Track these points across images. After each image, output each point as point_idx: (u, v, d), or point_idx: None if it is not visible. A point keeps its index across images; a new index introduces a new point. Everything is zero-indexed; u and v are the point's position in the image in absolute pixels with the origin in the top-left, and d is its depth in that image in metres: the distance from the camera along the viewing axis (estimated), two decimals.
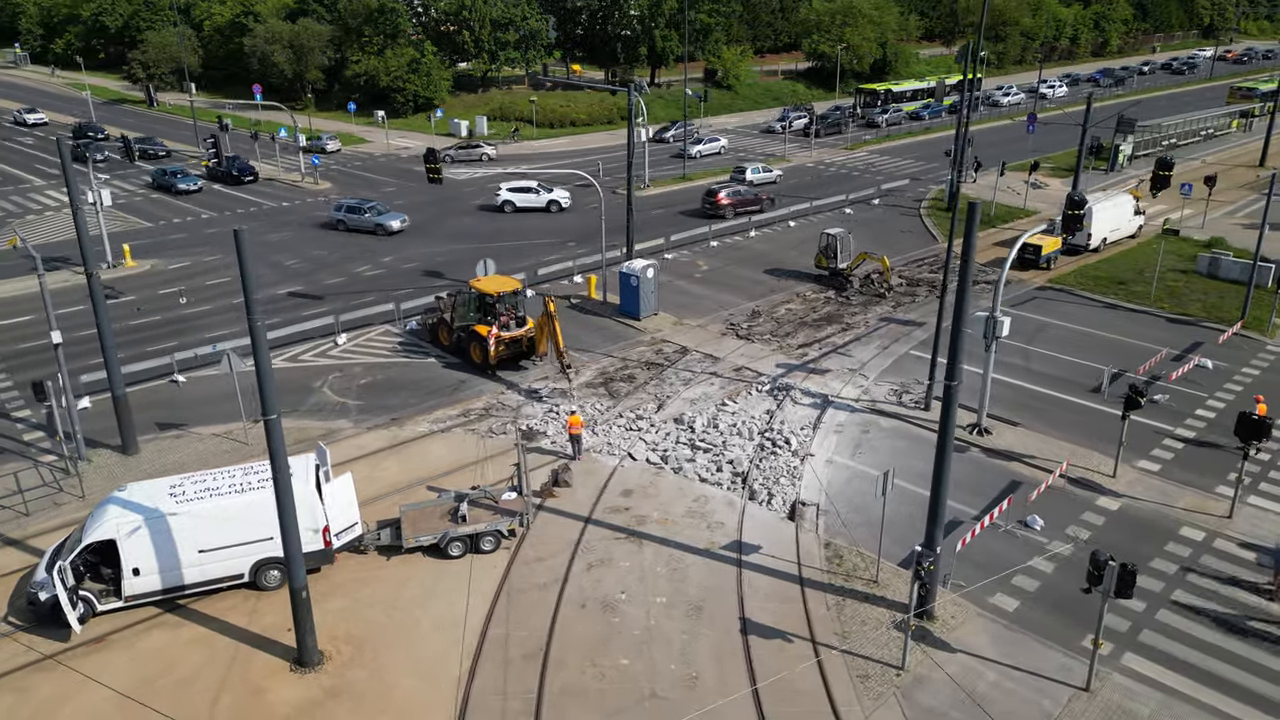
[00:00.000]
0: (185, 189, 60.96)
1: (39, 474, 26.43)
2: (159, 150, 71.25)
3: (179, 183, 61.12)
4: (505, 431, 29.11)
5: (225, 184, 63.72)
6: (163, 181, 61.90)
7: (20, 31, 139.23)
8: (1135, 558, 22.57)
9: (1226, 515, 24.44)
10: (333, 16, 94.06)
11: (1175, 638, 20.13)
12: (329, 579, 22.03)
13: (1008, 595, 21.52)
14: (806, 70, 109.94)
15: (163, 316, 39.08)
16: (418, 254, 47.44)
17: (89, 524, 20.71)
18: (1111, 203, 46.93)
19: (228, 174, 63.73)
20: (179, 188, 60.90)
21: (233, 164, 64.10)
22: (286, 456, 18.12)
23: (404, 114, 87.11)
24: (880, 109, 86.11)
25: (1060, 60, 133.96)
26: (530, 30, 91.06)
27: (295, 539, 18.45)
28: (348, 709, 18.19)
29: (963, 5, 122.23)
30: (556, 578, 22.12)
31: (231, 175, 63.65)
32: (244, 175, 63.98)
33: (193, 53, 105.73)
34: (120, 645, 20.00)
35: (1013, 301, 40.21)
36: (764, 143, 77.85)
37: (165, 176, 61.97)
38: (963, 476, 26.55)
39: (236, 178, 63.61)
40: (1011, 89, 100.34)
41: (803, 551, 23.15)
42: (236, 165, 64.29)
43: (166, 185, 61.47)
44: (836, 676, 19.05)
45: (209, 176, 64.59)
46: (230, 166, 63.71)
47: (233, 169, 63.73)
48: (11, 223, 53.51)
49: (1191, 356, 33.84)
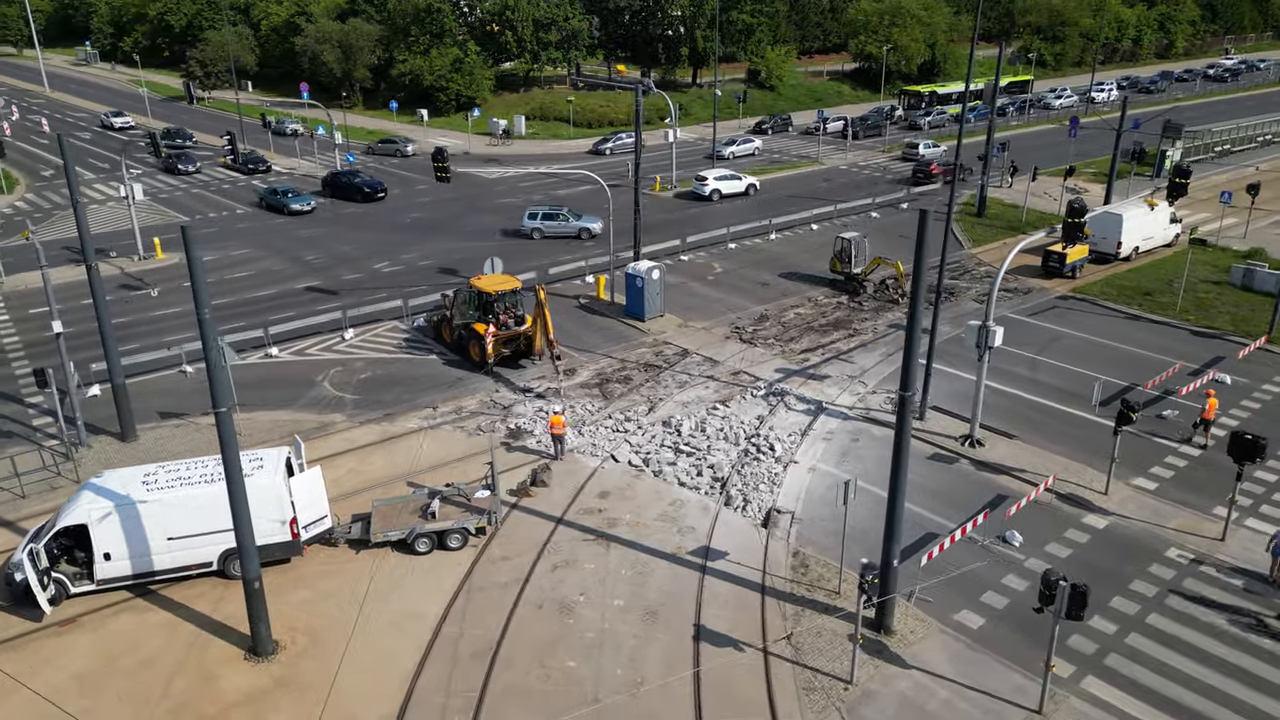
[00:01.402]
0: (300, 209, 55.91)
1: (40, 458, 27.38)
2: (186, 142, 73.74)
3: (291, 202, 56.13)
4: (493, 429, 29.32)
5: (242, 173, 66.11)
6: (273, 201, 56.89)
7: (92, 30, 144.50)
8: (1115, 579, 22.01)
9: (1219, 538, 23.50)
10: (382, 16, 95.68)
11: (1143, 663, 19.42)
12: (296, 570, 22.44)
13: (974, 612, 20.99)
14: (852, 71, 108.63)
15: (181, 308, 40.13)
16: (437, 250, 48.02)
17: (64, 509, 21.41)
18: (1143, 211, 45.42)
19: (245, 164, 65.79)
20: (292, 208, 55.84)
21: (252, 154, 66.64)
22: (237, 449, 18.47)
23: (447, 113, 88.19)
24: (923, 111, 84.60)
25: (1122, 62, 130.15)
26: (572, 30, 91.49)
27: (248, 531, 18.82)
28: (292, 699, 18.50)
29: (1019, 5, 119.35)
30: (519, 577, 22.21)
31: (249, 167, 65.68)
32: (259, 166, 65.77)
33: (250, 52, 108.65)
34: (89, 627, 20.62)
35: (1031, 310, 39.27)
36: (801, 144, 77.12)
37: (276, 196, 57.07)
38: (947, 488, 26.05)
39: (253, 169, 65.56)
40: (1065, 91, 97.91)
41: (770, 560, 22.89)
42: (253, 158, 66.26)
43: (277, 205, 56.45)
44: (783, 687, 18.80)
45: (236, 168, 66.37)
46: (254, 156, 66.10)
47: (249, 161, 65.67)
48: (53, 215, 55.59)
49: (1209, 371, 32.61)
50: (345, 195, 59.57)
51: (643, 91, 38.94)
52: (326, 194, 60.06)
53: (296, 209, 55.97)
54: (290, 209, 55.98)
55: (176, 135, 77.38)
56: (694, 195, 58.74)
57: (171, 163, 66.39)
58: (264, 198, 58.07)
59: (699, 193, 58.36)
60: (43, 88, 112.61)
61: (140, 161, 68.58)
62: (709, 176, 58.87)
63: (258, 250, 48.79)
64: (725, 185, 58.44)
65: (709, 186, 58.06)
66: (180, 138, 76.69)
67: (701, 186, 58.24)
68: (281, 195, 57.01)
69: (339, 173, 61.60)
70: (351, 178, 60.38)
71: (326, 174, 62.32)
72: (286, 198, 56.67)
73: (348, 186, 59.80)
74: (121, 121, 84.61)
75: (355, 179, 60.11)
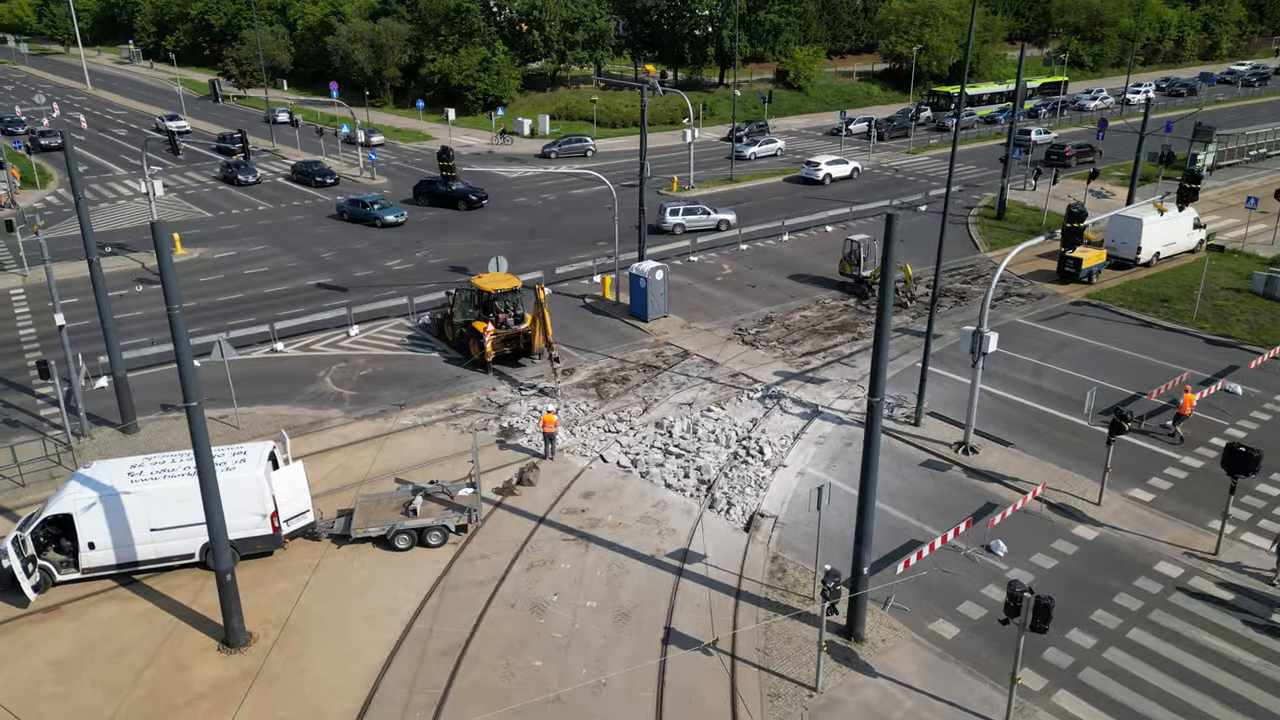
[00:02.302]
0: (394, 221, 52.69)
1: (43, 447, 28.00)
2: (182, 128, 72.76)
3: (384, 214, 52.85)
4: (486, 428, 29.46)
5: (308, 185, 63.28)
6: (358, 213, 53.47)
7: (135, 29, 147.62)
8: (1099, 592, 21.59)
9: (1212, 552, 22.92)
10: (413, 16, 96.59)
11: (1118, 678, 19.00)
12: (277, 563, 22.73)
13: (949, 622, 20.68)
14: (883, 72, 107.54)
15: (197, 303, 40.82)
16: (450, 248, 48.32)
17: (52, 498, 21.87)
18: (1165, 216, 44.34)
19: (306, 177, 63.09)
20: (386, 220, 52.60)
21: (310, 167, 63.77)
22: (208, 443, 18.72)
23: (474, 112, 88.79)
24: (952, 113, 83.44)
25: (1164, 64, 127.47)
26: (599, 30, 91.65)
27: (220, 523, 19.10)
28: (258, 691, 18.74)
29: (1055, 5, 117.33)
30: (495, 576, 22.29)
31: (315, 180, 62.52)
32: (326, 178, 62.62)
33: (285, 51, 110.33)
34: (72, 614, 21.06)
35: (1043, 316, 38.61)
36: (825, 145, 76.49)
37: (363, 208, 53.37)
38: (937, 496, 25.71)
39: (321, 181, 62.30)
40: (1101, 93, 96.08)
41: (748, 564, 22.74)
42: (317, 170, 63.24)
43: (366, 218, 53.06)
44: (747, 693, 18.67)
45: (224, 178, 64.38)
46: (309, 168, 63.46)
47: (315, 174, 62.75)
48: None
49: (1219, 381, 31.81)
50: (444, 203, 56.84)
51: (649, 91, 38.70)
52: (423, 202, 57.22)
53: (391, 220, 52.62)
54: (384, 221, 52.60)
55: (232, 141, 70.97)
56: (804, 180, 63.11)
57: (231, 173, 63.91)
58: (345, 210, 54.14)
59: (811, 177, 62.82)
60: (85, 85, 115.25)
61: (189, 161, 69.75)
62: (821, 162, 63.44)
63: (276, 246, 49.44)
64: (835, 170, 63.31)
65: (821, 171, 62.70)
66: (231, 142, 70.94)
67: (814, 171, 62.87)
68: (369, 206, 53.21)
69: (433, 179, 57.34)
70: (449, 184, 55.53)
71: (425, 180, 58.65)
72: (375, 209, 52.99)
73: (446, 195, 56.74)
74: (177, 125, 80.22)
75: (455, 186, 56.19)
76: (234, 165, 64.69)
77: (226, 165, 65.11)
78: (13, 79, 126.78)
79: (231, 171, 64.32)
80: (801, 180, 63.58)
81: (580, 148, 72.63)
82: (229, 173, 64.56)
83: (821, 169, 62.78)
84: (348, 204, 54.57)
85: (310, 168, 64.25)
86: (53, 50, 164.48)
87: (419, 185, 58.59)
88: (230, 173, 64.41)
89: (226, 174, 64.86)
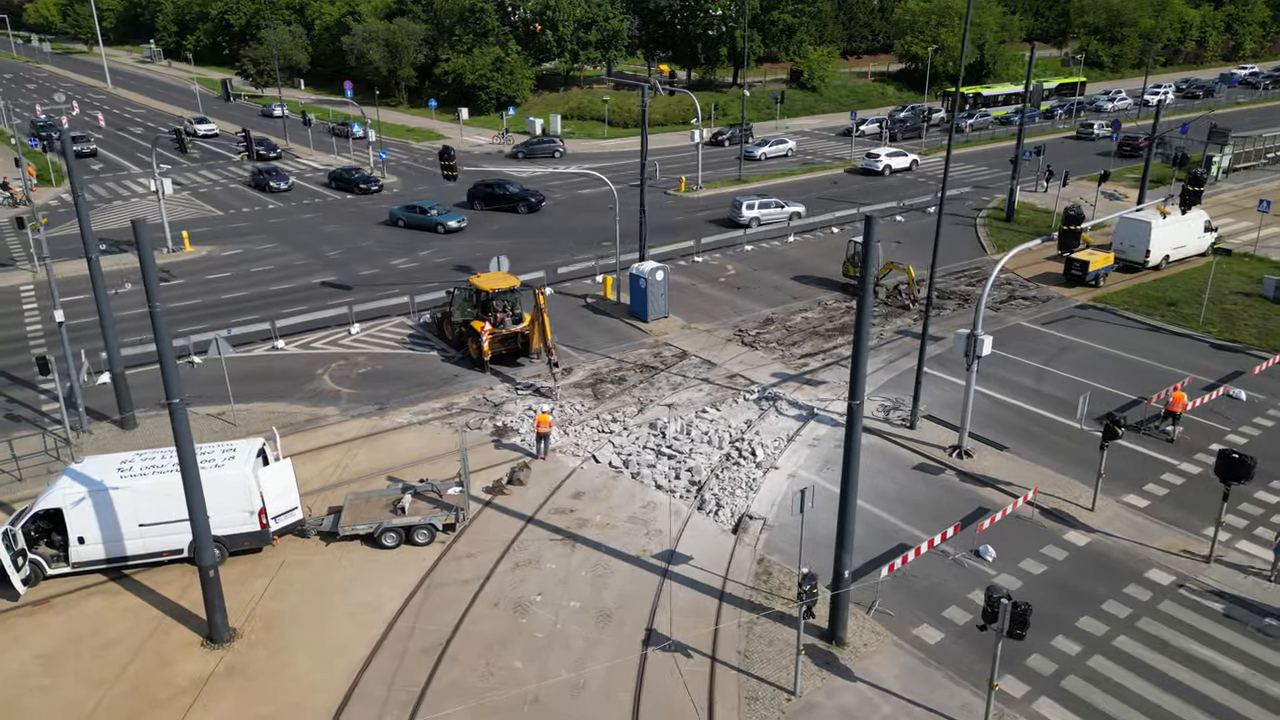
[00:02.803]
0: (455, 226, 51.34)
1: (43, 442, 28.33)
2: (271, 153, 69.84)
3: (446, 219, 51.50)
4: (480, 427, 29.54)
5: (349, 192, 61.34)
6: (415, 220, 52.02)
7: (157, 28, 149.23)
8: (1087, 599, 21.37)
9: (1205, 560, 22.64)
10: (428, 16, 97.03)
11: (1101, 685, 18.79)
12: (265, 560, 22.88)
13: (933, 627, 20.53)
14: (898, 72, 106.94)
15: (201, 300, 41.20)
16: (457, 248, 48.46)
17: (43, 493, 22.13)
18: (1175, 219, 43.85)
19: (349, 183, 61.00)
20: (448, 225, 51.20)
21: (351, 173, 61.94)
22: (191, 440, 18.87)
23: (487, 111, 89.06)
24: (967, 113, 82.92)
25: (1185, 64, 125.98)
26: (612, 30, 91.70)
27: (203, 519, 19.26)
28: (238, 686, 18.87)
29: (1075, 5, 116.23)
30: (480, 575, 22.34)
31: (359, 186, 60.64)
32: (370, 185, 60.65)
33: (303, 50, 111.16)
34: (61, 608, 21.29)
35: (1047, 319, 38.26)
36: (836, 145, 76.17)
37: (422, 214, 51.98)
38: (929, 500, 25.53)
39: (365, 189, 60.48)
40: (1119, 94, 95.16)
41: (733, 566, 22.67)
42: (359, 177, 61.55)
43: (426, 224, 51.61)
44: (725, 696, 18.61)
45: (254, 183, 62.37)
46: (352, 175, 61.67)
47: (358, 180, 60.97)
48: (94, 208, 57.50)
49: (1222, 386, 31.41)
50: (501, 206, 55.79)
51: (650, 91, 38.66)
52: (478, 206, 55.79)
53: (453, 226, 51.27)
54: (446, 227, 51.21)
55: (260, 145, 70.20)
56: (865, 171, 65.34)
57: (262, 179, 61.75)
58: (401, 217, 52.48)
59: (871, 168, 65.11)
60: (105, 84, 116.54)
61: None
62: (881, 154, 66.00)
63: (283, 244, 49.80)
64: (895, 161, 65.65)
65: (881, 163, 65.14)
66: (264, 148, 70.45)
67: (874, 163, 65.27)
68: (427, 212, 51.79)
69: (489, 182, 56.84)
70: (507, 186, 56.02)
71: (481, 183, 57.20)
72: (434, 215, 51.61)
73: (505, 198, 55.79)
74: (206, 128, 79.99)
75: (512, 188, 55.85)
76: (265, 171, 62.59)
77: (257, 172, 62.79)
78: (35, 78, 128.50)
79: (263, 178, 61.95)
80: (862, 171, 65.86)
81: (549, 148, 72.15)
82: (260, 179, 62.20)
83: (882, 160, 64.99)
84: (403, 210, 52.69)
85: (351, 174, 61.88)
86: (76, 49, 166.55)
87: (475, 188, 56.78)
88: (261, 179, 62.08)
89: (257, 180, 62.47)
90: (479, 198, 56.22)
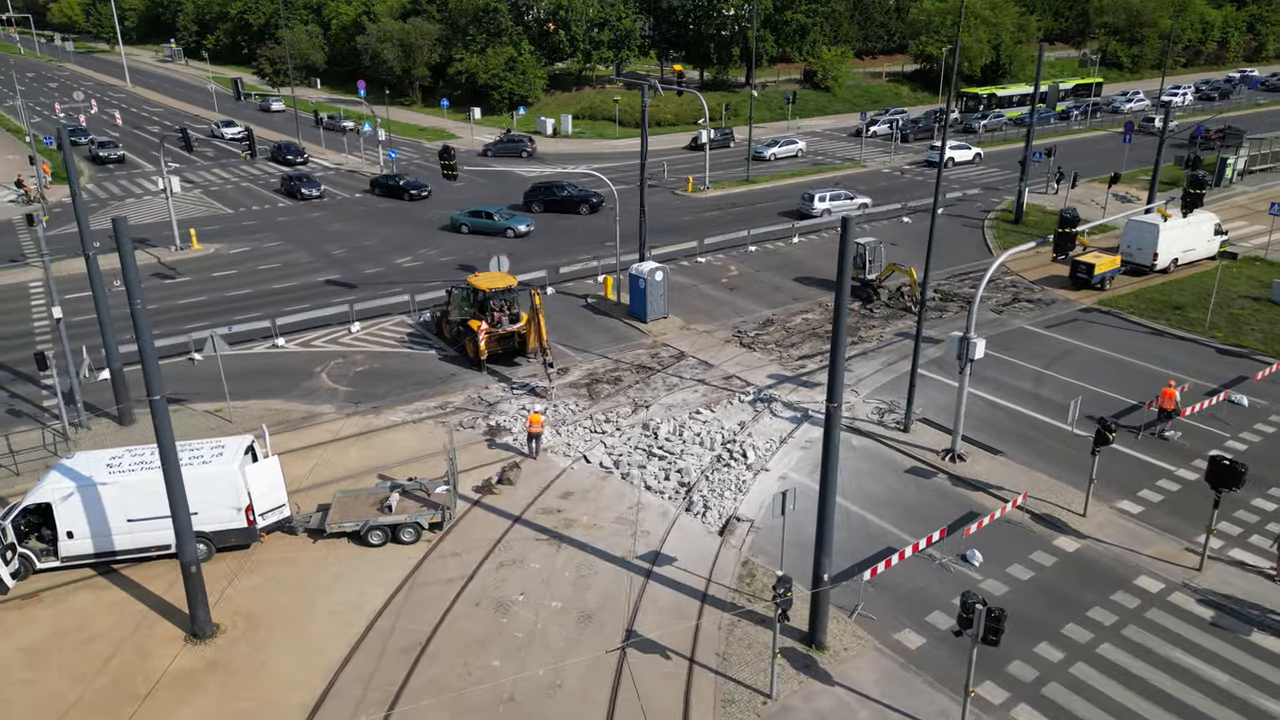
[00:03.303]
0: (525, 230, 50.55)
1: (42, 437, 28.65)
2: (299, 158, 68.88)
3: (514, 223, 50.72)
4: (474, 426, 29.60)
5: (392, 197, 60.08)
6: (482, 225, 50.86)
7: (178, 28, 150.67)
8: (1073, 605, 21.18)
9: (1196, 568, 22.35)
10: (442, 16, 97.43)
11: (1083, 693, 18.58)
12: (253, 557, 23.02)
13: (915, 632, 20.38)
14: (913, 73, 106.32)
15: (207, 297, 41.54)
16: (460, 247, 48.60)
17: (34, 488, 22.37)
18: (1183, 221, 43.30)
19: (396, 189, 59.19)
20: (519, 230, 50.37)
21: (396, 179, 60.05)
22: (172, 437, 19.02)
23: (499, 111, 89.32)
24: (980, 114, 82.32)
25: (1206, 65, 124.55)
26: (624, 30, 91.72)
27: (185, 516, 19.41)
28: (218, 681, 19.00)
29: (1094, 5, 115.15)
30: (464, 574, 22.38)
31: (410, 193, 58.86)
32: (420, 191, 59.05)
33: (319, 50, 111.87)
34: (49, 601, 21.51)
35: (1051, 322, 37.91)
36: (847, 146, 75.83)
37: (487, 219, 50.81)
38: (920, 504, 25.35)
39: (416, 195, 58.78)
40: (1137, 95, 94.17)
41: (717, 568, 22.60)
42: (410, 183, 59.71)
43: (493, 229, 50.45)
44: (701, 698, 18.55)
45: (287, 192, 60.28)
46: (398, 181, 59.86)
47: (410, 187, 59.22)
48: (108, 205, 58.08)
49: (1223, 391, 31.00)
50: (564, 208, 55.52)
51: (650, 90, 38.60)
52: (536, 209, 55.26)
53: (523, 230, 50.47)
54: (516, 231, 50.30)
55: (289, 150, 69.44)
56: (929, 163, 67.63)
57: (294, 186, 59.71)
58: (464, 223, 51.35)
59: (931, 160, 67.00)
60: (124, 82, 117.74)
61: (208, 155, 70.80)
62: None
63: (290, 243, 50.15)
64: (958, 154, 68.28)
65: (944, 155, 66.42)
66: (292, 153, 69.16)
67: (936, 155, 66.67)
68: (493, 217, 50.74)
69: (548, 184, 56.41)
70: (568, 189, 55.76)
71: (539, 184, 56.71)
72: (498, 219, 50.65)
73: (566, 200, 55.40)
74: (233, 131, 79.57)
75: (574, 191, 55.70)
76: (296, 178, 60.48)
77: (288, 178, 60.71)
78: (57, 76, 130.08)
79: (294, 185, 59.89)
80: (927, 164, 67.58)
81: (517, 148, 72.02)
82: (291, 185, 60.10)
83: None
84: (466, 216, 51.57)
85: (396, 179, 60.30)
86: (99, 49, 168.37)
87: (532, 189, 56.24)
88: (292, 185, 60.03)
89: (288, 187, 60.37)
90: (537, 200, 55.72)
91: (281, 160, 69.40)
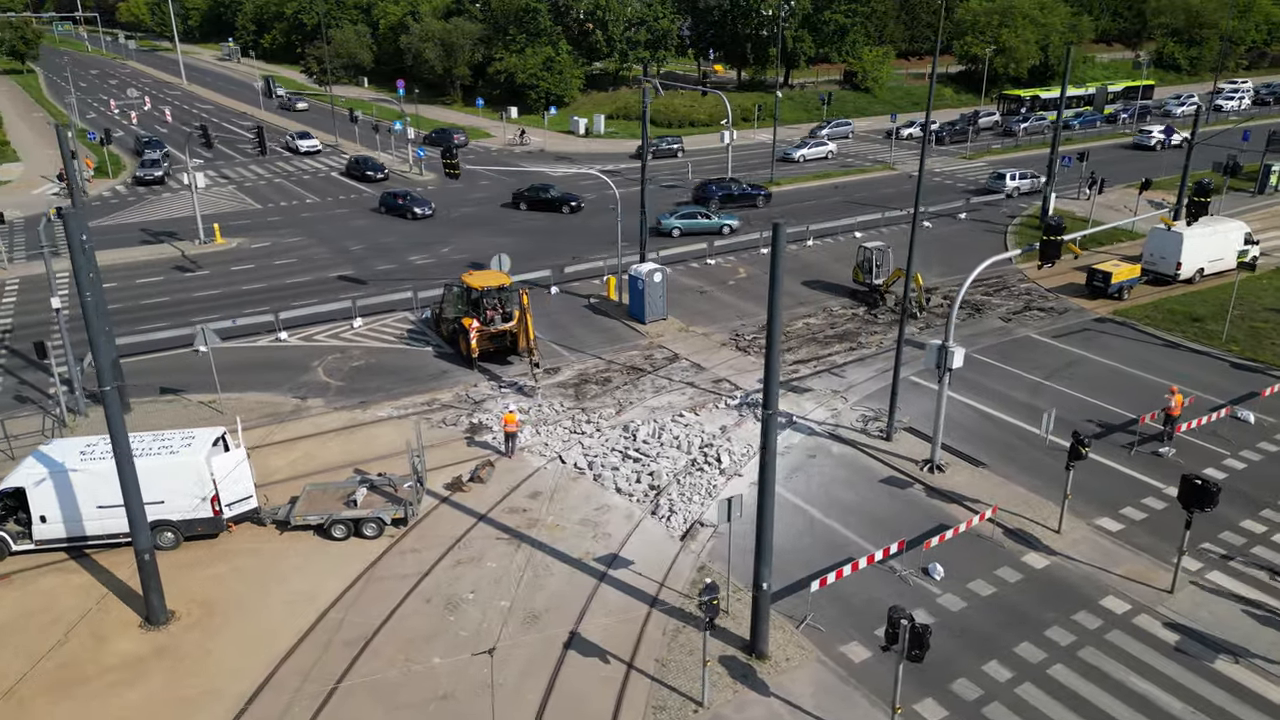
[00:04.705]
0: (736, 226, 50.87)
1: (41, 423, 29.61)
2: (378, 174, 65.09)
3: (729, 220, 50.94)
4: (456, 423, 29.83)
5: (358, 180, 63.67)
6: (695, 227, 50.21)
7: (236, 27, 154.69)
8: (1030, 624, 20.62)
9: (1168, 590, 21.55)
10: (484, 16, 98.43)
11: (1025, 715, 18.03)
12: (219, 546, 23.49)
13: (862, 645, 20.00)
14: (958, 74, 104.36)
15: (221, 290, 42.52)
16: (474, 245, 49.02)
17: (10, 473, 23.12)
18: (1209, 230, 41.86)
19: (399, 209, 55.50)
20: (733, 225, 50.63)
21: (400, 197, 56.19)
22: (124, 427, 19.49)
23: (536, 110, 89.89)
24: (1021, 117, 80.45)
25: (1271, 67, 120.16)
26: (662, 30, 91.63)
27: (138, 504, 19.88)
28: (164, 667, 19.42)
29: (1151, 5, 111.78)
30: (421, 570, 22.56)
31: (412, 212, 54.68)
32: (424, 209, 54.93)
33: (367, 49, 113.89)
34: (20, 583, 22.22)
35: (1060, 332, 36.91)
36: (879, 148, 74.71)
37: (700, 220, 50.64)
38: (890, 514, 24.89)
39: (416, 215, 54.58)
40: (1190, 98, 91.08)
41: (673, 573, 22.45)
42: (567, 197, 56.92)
43: (709, 229, 50.24)
44: (632, 703, 18.44)
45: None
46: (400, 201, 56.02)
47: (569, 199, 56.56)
48: (145, 200, 59.82)
49: (1226, 407, 29.82)
50: (549, 208, 56.22)
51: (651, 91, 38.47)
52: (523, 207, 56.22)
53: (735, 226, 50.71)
54: (732, 227, 50.66)
55: (367, 166, 65.39)
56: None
57: (395, 202, 55.74)
58: (676, 226, 50.36)
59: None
60: (181, 80, 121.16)
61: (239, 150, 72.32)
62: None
63: (309, 237, 51.05)
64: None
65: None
66: (371, 168, 65.05)
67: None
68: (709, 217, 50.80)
69: (536, 185, 57.03)
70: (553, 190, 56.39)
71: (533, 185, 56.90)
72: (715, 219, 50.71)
73: (550, 200, 56.23)
74: (308, 145, 74.79)
75: (555, 191, 56.27)
76: (398, 195, 55.85)
77: (389, 195, 56.47)
78: (119, 74, 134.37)
79: (399, 202, 55.17)
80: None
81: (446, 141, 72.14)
82: (390, 201, 55.89)
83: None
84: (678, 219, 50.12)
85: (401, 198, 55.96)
86: (162, 47, 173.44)
87: (519, 191, 57.47)
88: (393, 201, 55.61)
89: (388, 204, 56.11)
90: (524, 200, 57.07)
91: (360, 176, 65.16)
